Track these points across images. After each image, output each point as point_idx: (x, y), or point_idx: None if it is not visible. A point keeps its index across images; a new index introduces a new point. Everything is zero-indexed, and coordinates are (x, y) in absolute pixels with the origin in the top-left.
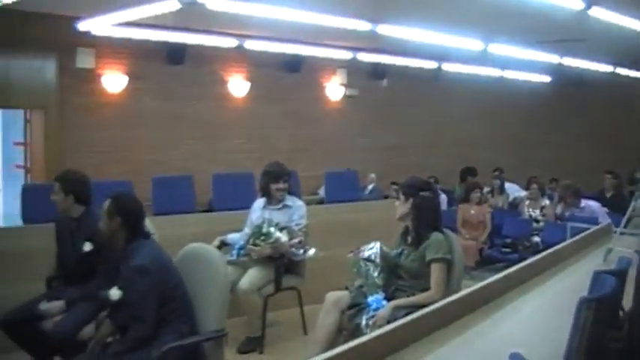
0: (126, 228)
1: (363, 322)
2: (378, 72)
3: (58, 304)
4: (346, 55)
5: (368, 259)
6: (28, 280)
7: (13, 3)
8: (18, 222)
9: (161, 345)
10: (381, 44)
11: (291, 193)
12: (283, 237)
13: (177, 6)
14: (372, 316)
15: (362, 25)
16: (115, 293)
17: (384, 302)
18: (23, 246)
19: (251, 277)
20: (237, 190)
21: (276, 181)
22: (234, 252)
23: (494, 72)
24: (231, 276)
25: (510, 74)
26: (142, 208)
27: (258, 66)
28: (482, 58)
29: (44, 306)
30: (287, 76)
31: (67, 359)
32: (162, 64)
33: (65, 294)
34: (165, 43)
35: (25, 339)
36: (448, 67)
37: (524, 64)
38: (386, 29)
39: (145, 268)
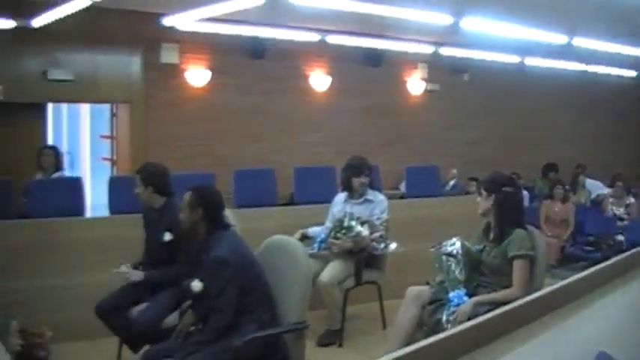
0: (206, 219)
1: (444, 318)
2: (459, 66)
3: (137, 272)
4: (427, 49)
5: (450, 255)
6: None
7: (101, 1)
8: (105, 212)
9: (242, 335)
10: (461, 38)
11: (372, 187)
12: (364, 231)
13: (261, 1)
14: (453, 312)
15: (444, 19)
16: (196, 285)
17: (466, 298)
18: (110, 235)
19: (332, 271)
20: (318, 184)
21: (358, 175)
22: (316, 245)
23: (577, 66)
24: (312, 269)
25: (594, 69)
26: (222, 199)
27: (339, 60)
28: (566, 52)
29: (126, 269)
30: (368, 71)
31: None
32: (244, 58)
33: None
34: (248, 38)
35: (117, 326)
36: (531, 61)
37: (609, 58)
38: (469, 23)
39: (225, 260)
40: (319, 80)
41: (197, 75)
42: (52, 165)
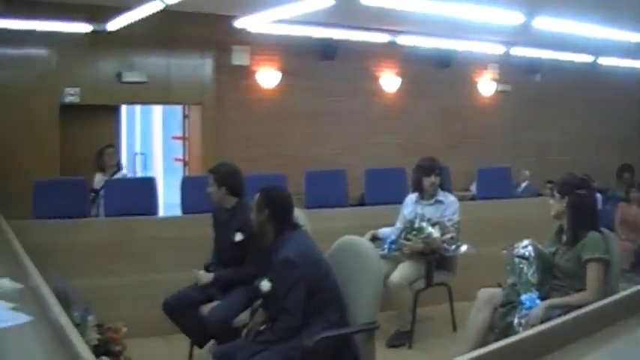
0: (274, 220)
1: (516, 321)
2: (530, 67)
3: (208, 275)
4: (498, 49)
5: (522, 257)
6: (186, 267)
7: (175, 4)
8: (177, 212)
9: (311, 334)
10: (533, 37)
11: (443, 188)
12: (435, 232)
13: (331, 2)
14: (525, 315)
15: (516, 18)
16: (265, 285)
17: (538, 301)
18: (182, 234)
19: (402, 272)
20: (388, 185)
21: (428, 175)
22: (386, 246)
23: None
24: (383, 270)
25: None
26: (291, 200)
27: (409, 61)
28: None
29: (197, 272)
30: (438, 72)
31: (221, 344)
32: (314, 60)
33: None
34: (318, 40)
35: (184, 323)
36: (604, 60)
37: None
38: (541, 22)
39: (291, 261)
40: (389, 81)
41: (268, 76)
42: (114, 165)
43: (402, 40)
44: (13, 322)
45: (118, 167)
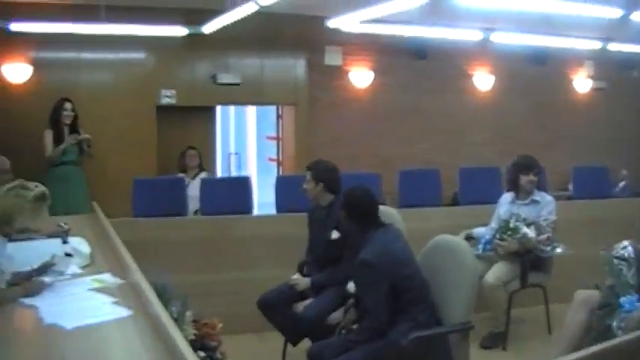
0: (355, 220)
1: (615, 324)
2: (628, 63)
3: (305, 280)
4: (594, 45)
5: (621, 258)
6: (280, 264)
7: (268, 6)
8: (271, 211)
9: (399, 334)
10: (631, 32)
11: (539, 188)
12: (531, 232)
13: (424, 0)
14: (625, 318)
15: (613, 12)
16: (352, 285)
17: (638, 304)
18: (276, 233)
19: (497, 272)
20: (482, 184)
21: (527, 173)
22: (480, 246)
23: None
24: (478, 270)
25: None
26: (370, 199)
27: (503, 59)
28: None
29: (294, 277)
30: (532, 69)
31: (314, 342)
32: (406, 59)
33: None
34: (410, 38)
35: (278, 320)
36: None
37: None
38: None
39: (368, 262)
40: (482, 79)
41: (360, 76)
42: (196, 166)
43: (496, 37)
44: (114, 315)
45: (200, 169)
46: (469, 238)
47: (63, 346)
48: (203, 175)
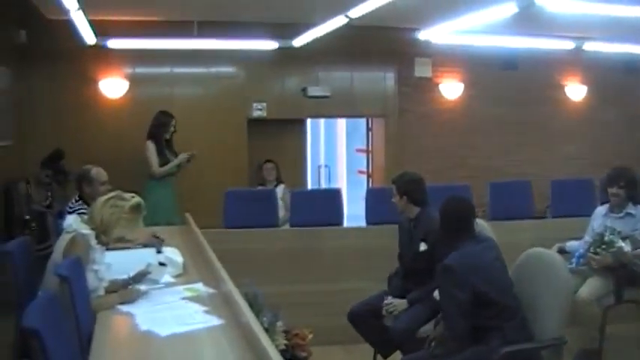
0: (446, 229)
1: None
2: None
3: (400, 302)
4: None
5: None
6: (370, 276)
7: (358, 18)
8: (360, 223)
9: (490, 350)
10: None
11: (634, 201)
12: (626, 247)
13: (514, 10)
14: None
15: None
16: (437, 294)
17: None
18: (366, 245)
19: (590, 287)
20: (576, 197)
21: (611, 186)
22: (574, 260)
23: None
24: (572, 284)
25: None
26: (467, 211)
27: (596, 68)
28: None
29: (388, 301)
30: (627, 79)
31: (405, 355)
32: (496, 70)
33: (404, 291)
34: (500, 49)
35: (368, 332)
36: None
37: None
38: None
39: (449, 267)
40: (574, 90)
41: (450, 88)
42: (274, 179)
43: (588, 46)
44: (206, 324)
45: (278, 181)
46: (562, 251)
47: (157, 352)
48: (281, 188)
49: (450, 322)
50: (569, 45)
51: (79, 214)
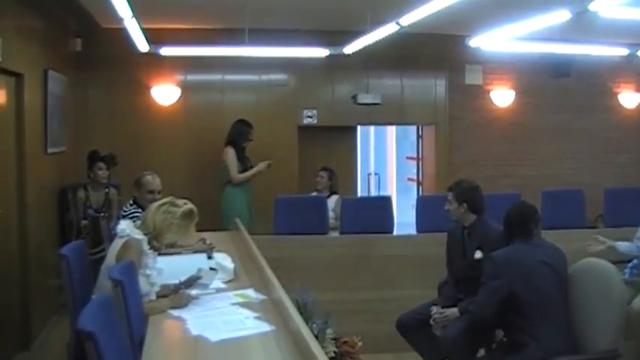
0: (506, 231)
1: None
2: None
3: (451, 311)
4: None
5: None
6: (420, 285)
7: (409, 25)
8: (410, 231)
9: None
10: None
11: None
12: None
13: (568, 16)
14: None
15: None
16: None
17: None
18: (417, 253)
19: None
20: (629, 206)
21: None
22: (627, 270)
23: None
24: (626, 295)
25: None
26: (527, 214)
27: None
28: None
29: (438, 312)
30: None
31: None
32: (548, 77)
33: (455, 299)
34: (551, 56)
35: (417, 341)
36: None
37: None
38: None
39: (493, 259)
40: (628, 97)
41: (501, 95)
42: (327, 187)
43: None
44: (256, 330)
45: (332, 191)
46: (612, 249)
47: (207, 357)
48: (334, 198)
49: (479, 304)
50: (623, 51)
51: (131, 217)
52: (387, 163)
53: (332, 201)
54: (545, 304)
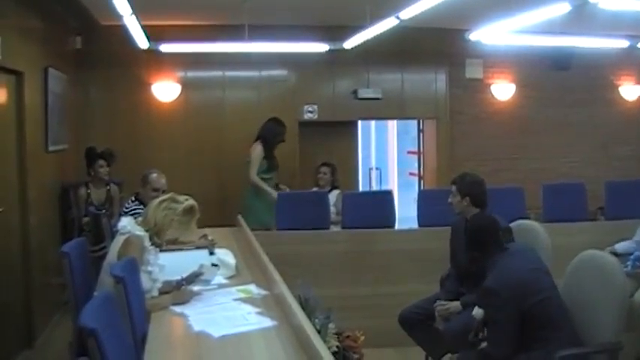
0: (476, 248)
1: None
2: None
3: (454, 304)
4: None
5: None
6: (422, 279)
7: (408, 19)
8: (411, 225)
9: (543, 357)
10: None
11: None
12: None
13: (567, 8)
14: None
15: None
16: (478, 313)
17: None
18: (419, 247)
19: None
20: (629, 198)
21: None
22: (629, 263)
23: None
24: (628, 288)
25: None
26: (490, 224)
27: None
28: None
29: (441, 305)
30: None
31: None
32: (548, 70)
33: (457, 293)
34: (551, 49)
35: (419, 335)
36: None
37: None
38: None
39: (492, 290)
40: (629, 90)
41: (502, 89)
42: (329, 183)
43: None
44: (259, 325)
45: (333, 186)
46: (614, 254)
47: (210, 353)
48: (335, 193)
49: (494, 343)
50: (623, 43)
51: (133, 214)
52: (388, 157)
53: (333, 196)
54: (551, 308)
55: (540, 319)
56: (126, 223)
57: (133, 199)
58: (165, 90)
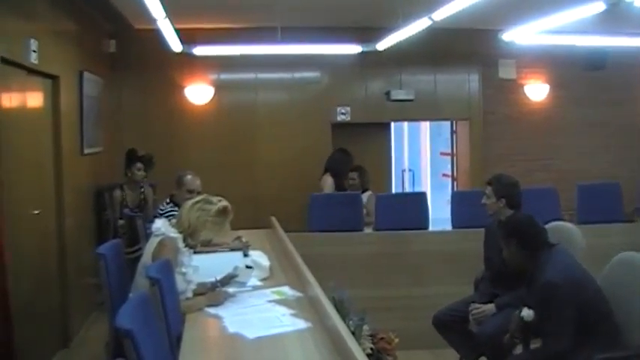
0: (525, 247)
1: None
2: None
3: (489, 307)
4: None
5: None
6: (456, 281)
7: (441, 20)
8: (444, 227)
9: (583, 357)
10: None
11: None
12: None
13: (602, 7)
14: None
15: None
16: (528, 314)
17: None
18: (452, 249)
19: None
20: None
21: None
22: None
23: None
24: None
25: None
26: (534, 222)
27: None
28: None
29: (476, 308)
30: None
31: None
32: (582, 70)
33: (491, 295)
34: (586, 48)
35: (453, 337)
36: None
37: None
38: None
39: (555, 284)
40: None
41: (535, 89)
42: (359, 186)
43: None
44: (293, 327)
45: (364, 190)
46: None
47: (245, 354)
48: (366, 195)
49: (556, 336)
50: None
51: (168, 216)
52: (421, 159)
53: (364, 197)
54: (600, 304)
55: (592, 315)
56: (160, 224)
57: (168, 200)
58: (199, 92)
